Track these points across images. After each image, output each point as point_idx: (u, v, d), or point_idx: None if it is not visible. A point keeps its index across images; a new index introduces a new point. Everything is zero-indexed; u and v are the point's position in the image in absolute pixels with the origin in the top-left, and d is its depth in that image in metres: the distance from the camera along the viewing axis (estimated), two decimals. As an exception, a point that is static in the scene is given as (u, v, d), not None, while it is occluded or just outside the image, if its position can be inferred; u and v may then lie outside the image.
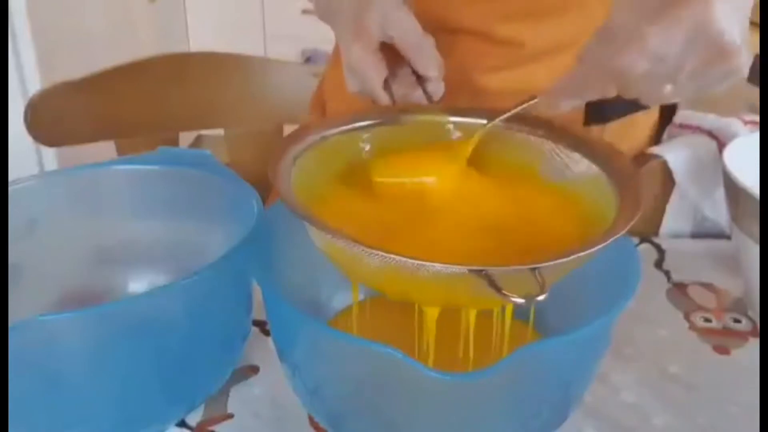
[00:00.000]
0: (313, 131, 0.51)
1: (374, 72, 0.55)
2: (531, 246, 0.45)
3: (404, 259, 0.37)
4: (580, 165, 0.49)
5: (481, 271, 0.36)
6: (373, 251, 0.38)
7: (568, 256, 0.38)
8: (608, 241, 0.39)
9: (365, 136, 0.53)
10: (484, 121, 0.53)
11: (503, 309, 0.49)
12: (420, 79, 0.57)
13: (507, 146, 0.52)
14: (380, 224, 0.46)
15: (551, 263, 0.37)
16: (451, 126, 0.54)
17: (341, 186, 0.50)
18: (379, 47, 0.55)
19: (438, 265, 0.37)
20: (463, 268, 0.37)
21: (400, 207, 0.48)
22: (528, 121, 0.52)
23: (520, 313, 0.57)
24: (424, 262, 0.37)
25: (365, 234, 0.40)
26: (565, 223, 0.47)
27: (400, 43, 0.55)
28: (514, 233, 0.46)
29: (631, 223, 0.41)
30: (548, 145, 0.51)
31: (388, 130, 0.54)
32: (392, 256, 0.38)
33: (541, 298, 0.36)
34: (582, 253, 0.38)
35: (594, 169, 0.48)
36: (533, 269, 0.37)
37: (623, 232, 0.40)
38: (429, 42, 0.57)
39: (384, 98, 0.56)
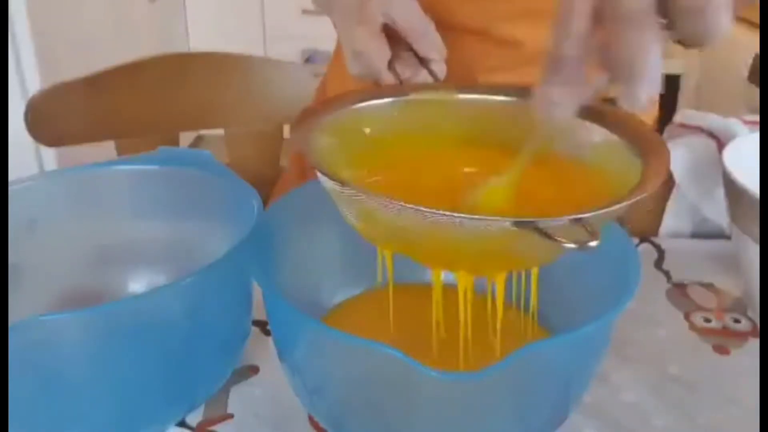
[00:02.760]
0: (331, 107, 0.50)
1: (379, 54, 0.55)
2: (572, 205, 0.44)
3: (454, 214, 0.37)
4: (598, 135, 0.48)
5: (530, 222, 0.36)
6: (421, 209, 0.37)
7: (613, 205, 0.38)
8: (645, 193, 0.39)
9: (380, 113, 0.52)
10: (498, 98, 0.52)
11: (508, 306, 0.49)
12: (423, 61, 0.57)
13: (522, 122, 0.51)
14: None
15: (597, 213, 0.37)
16: (463, 103, 0.54)
17: (363, 165, 0.49)
18: (382, 30, 0.55)
19: (488, 219, 0.37)
20: (511, 221, 0.36)
21: (424, 189, 0.48)
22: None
23: (522, 310, 0.57)
24: (474, 217, 0.37)
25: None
26: (593, 189, 0.46)
27: (401, 25, 0.56)
28: (550, 202, 0.46)
29: (662, 178, 0.41)
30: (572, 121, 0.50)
31: (400, 107, 0.53)
32: (440, 211, 0.37)
33: (593, 244, 0.36)
34: (626, 202, 0.38)
35: (613, 137, 0.47)
36: (577, 220, 0.37)
37: (658, 184, 0.40)
38: (430, 25, 0.57)
39: (390, 79, 0.56)
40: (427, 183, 0.48)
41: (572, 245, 0.36)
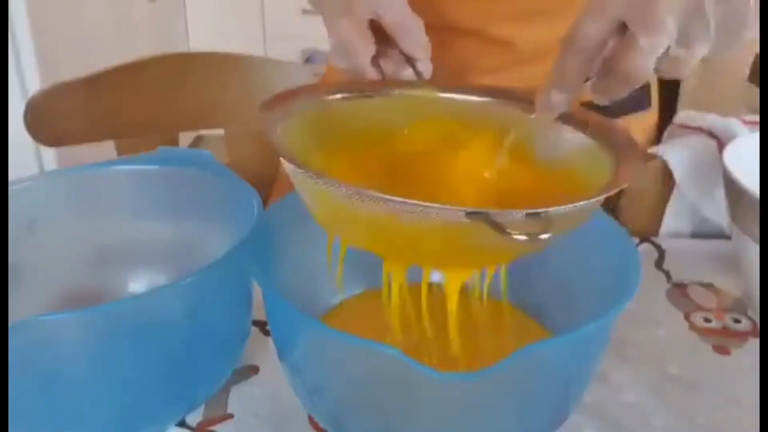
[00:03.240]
0: (302, 95, 0.51)
1: (363, 48, 0.55)
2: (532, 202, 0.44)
3: (407, 201, 0.36)
4: (574, 138, 0.49)
5: (481, 213, 0.36)
6: (374, 194, 0.37)
7: (568, 203, 0.38)
8: (607, 193, 0.39)
9: (355, 106, 0.53)
10: (478, 98, 0.53)
11: (505, 306, 0.49)
12: (409, 59, 0.57)
13: (504, 124, 0.52)
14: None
15: (550, 209, 0.37)
16: (442, 101, 0.54)
17: (331, 156, 0.49)
18: (368, 25, 0.55)
19: (440, 207, 0.36)
20: (463, 210, 0.36)
21: (396, 178, 0.47)
22: (522, 98, 0.51)
23: (523, 310, 0.57)
24: (427, 204, 0.36)
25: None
26: (565, 189, 0.46)
27: (388, 22, 0.55)
28: (518, 196, 0.46)
29: (627, 181, 0.41)
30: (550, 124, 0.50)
31: (379, 103, 0.53)
32: (395, 198, 0.36)
33: (544, 236, 0.36)
34: (582, 202, 0.38)
35: (588, 141, 0.48)
36: (533, 214, 0.36)
37: (622, 185, 0.40)
38: (417, 23, 0.57)
39: (372, 74, 0.56)
40: (391, 177, 0.48)
41: (523, 237, 0.35)
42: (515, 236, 0.35)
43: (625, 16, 0.42)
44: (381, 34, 0.56)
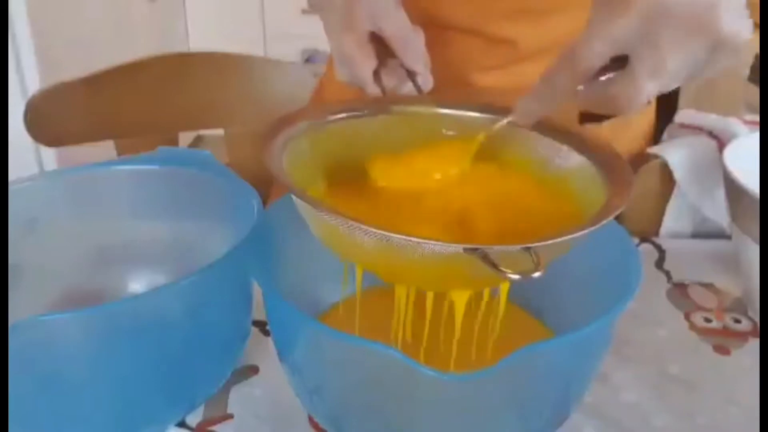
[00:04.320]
0: (305, 117, 0.51)
1: (364, 63, 0.55)
2: (526, 232, 0.45)
3: (402, 237, 0.38)
4: (571, 158, 0.49)
5: (476, 249, 0.37)
6: (372, 230, 0.38)
7: (560, 236, 0.39)
8: (599, 224, 0.40)
9: (357, 126, 0.53)
10: (476, 114, 0.53)
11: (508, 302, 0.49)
12: (409, 72, 0.57)
13: (501, 140, 0.52)
14: (375, 213, 0.46)
15: (543, 243, 0.38)
16: (442, 118, 0.54)
17: (334, 177, 0.50)
18: (369, 38, 0.55)
19: (434, 243, 0.38)
20: (459, 247, 0.37)
21: (397, 201, 0.48)
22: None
23: (523, 310, 0.57)
24: (421, 240, 0.38)
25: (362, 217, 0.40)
26: (559, 212, 0.47)
27: (388, 35, 0.55)
28: (510, 222, 0.46)
29: (621, 208, 0.41)
30: (540, 139, 0.51)
31: (380, 121, 0.54)
32: (391, 234, 0.38)
33: (536, 275, 0.36)
34: (571, 235, 0.39)
35: (584, 161, 0.48)
36: (527, 249, 0.37)
37: (614, 214, 0.40)
38: (417, 36, 0.57)
39: (373, 89, 0.56)
40: (393, 198, 0.49)
41: (516, 276, 0.36)
42: (509, 275, 0.36)
43: (631, 51, 0.41)
44: (382, 46, 0.56)
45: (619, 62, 0.42)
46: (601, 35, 0.41)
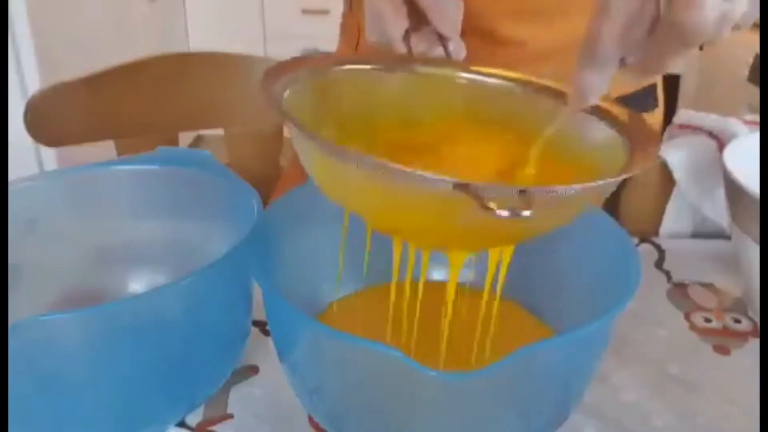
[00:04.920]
0: (312, 64, 0.49)
1: (395, 21, 0.54)
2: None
3: (392, 165, 0.36)
4: (599, 130, 0.47)
5: (467, 185, 0.35)
6: (365, 158, 0.36)
7: (559, 186, 0.37)
8: (603, 182, 0.38)
9: (372, 78, 0.51)
10: (507, 83, 0.51)
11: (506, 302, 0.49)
12: (442, 38, 0.56)
13: (528, 111, 0.50)
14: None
15: (540, 188, 0.36)
16: (463, 82, 0.53)
17: (340, 127, 0.48)
18: (404, 1, 0.55)
19: (424, 174, 0.35)
20: (449, 182, 0.35)
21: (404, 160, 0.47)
22: (549, 89, 0.50)
23: (523, 310, 0.57)
24: (413, 170, 0.35)
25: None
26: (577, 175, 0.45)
27: None
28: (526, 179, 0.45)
29: (631, 172, 0.39)
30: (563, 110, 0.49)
31: (399, 78, 0.52)
32: (383, 162, 0.36)
33: (526, 213, 0.34)
34: (567, 187, 0.37)
35: (612, 133, 0.46)
36: (523, 191, 0.35)
37: (621, 177, 0.39)
38: (453, 2, 0.55)
39: (401, 49, 0.55)
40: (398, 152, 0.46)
41: (505, 213, 0.34)
42: (498, 211, 0.34)
43: None
44: (416, 12, 0.55)
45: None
46: None
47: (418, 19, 0.55)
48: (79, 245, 0.59)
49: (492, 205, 0.34)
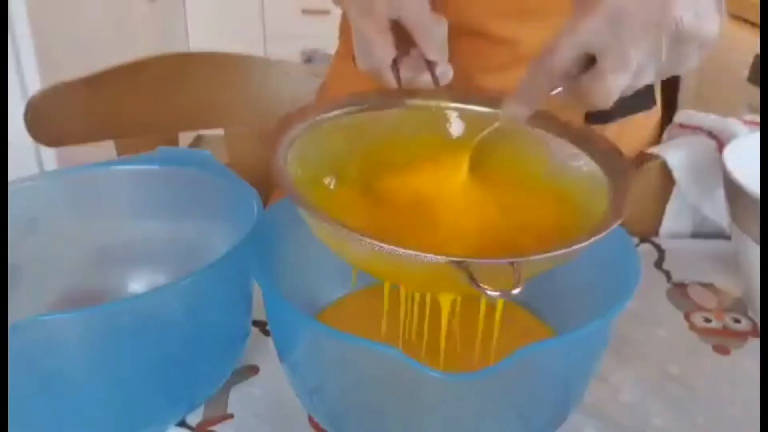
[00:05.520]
0: (311, 114, 0.51)
1: (383, 51, 0.55)
2: (520, 243, 0.46)
3: (390, 248, 0.38)
4: (579, 161, 0.49)
5: (461, 262, 0.38)
6: (363, 239, 0.39)
7: (545, 253, 0.39)
8: (587, 243, 0.40)
9: (365, 120, 0.53)
10: (486, 109, 0.53)
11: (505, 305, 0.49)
12: (428, 62, 0.57)
13: (507, 139, 0.52)
14: (375, 220, 0.47)
15: (526, 259, 0.39)
16: (452, 114, 0.54)
17: (342, 171, 0.51)
18: (390, 26, 0.55)
19: (421, 255, 0.38)
20: (444, 259, 0.38)
21: (396, 208, 0.49)
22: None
23: (523, 310, 0.57)
24: (409, 252, 0.38)
25: (361, 224, 0.41)
26: (558, 220, 0.47)
27: (407, 24, 0.55)
28: (505, 231, 0.47)
29: (613, 227, 0.42)
30: (549, 140, 0.51)
31: (389, 115, 0.54)
32: (381, 245, 0.39)
33: (515, 292, 0.37)
34: (557, 252, 0.39)
35: (591, 165, 0.48)
36: (511, 263, 0.38)
37: (603, 234, 0.41)
38: (438, 25, 0.57)
39: (390, 80, 0.56)
40: (396, 195, 0.50)
41: (496, 293, 0.37)
42: (489, 292, 0.37)
43: (597, 50, 0.44)
44: (404, 36, 0.56)
45: (592, 62, 0.45)
46: (569, 39, 0.44)
47: (405, 43, 0.56)
48: (79, 245, 0.59)
49: (484, 285, 0.37)
